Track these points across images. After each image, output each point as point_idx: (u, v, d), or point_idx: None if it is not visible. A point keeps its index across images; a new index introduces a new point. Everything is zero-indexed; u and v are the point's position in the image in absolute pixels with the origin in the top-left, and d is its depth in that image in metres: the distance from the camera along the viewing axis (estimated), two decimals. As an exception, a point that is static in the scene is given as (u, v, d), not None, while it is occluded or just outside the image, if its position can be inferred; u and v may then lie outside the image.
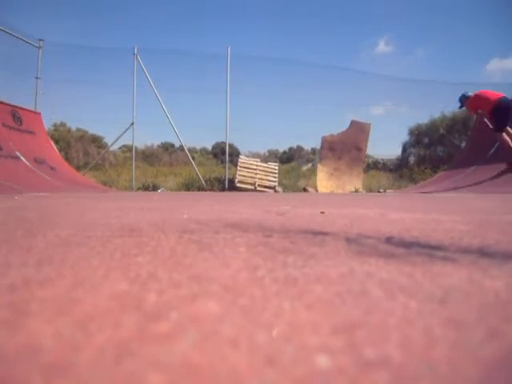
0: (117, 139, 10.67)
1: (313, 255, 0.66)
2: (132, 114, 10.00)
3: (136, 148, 11.03)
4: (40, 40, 9.83)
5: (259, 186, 9.33)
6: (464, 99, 7.22)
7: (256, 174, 9.55)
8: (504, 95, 6.68)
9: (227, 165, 10.42)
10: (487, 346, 0.28)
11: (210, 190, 9.63)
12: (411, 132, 15.11)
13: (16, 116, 8.03)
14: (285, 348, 0.27)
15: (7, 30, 8.71)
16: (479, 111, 6.97)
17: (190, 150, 11.28)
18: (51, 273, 0.52)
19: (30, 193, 4.67)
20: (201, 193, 7.84)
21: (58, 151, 9.43)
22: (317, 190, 9.50)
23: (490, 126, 6.88)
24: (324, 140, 9.99)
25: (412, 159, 14.96)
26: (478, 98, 6.93)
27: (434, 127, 14.44)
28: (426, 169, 12.08)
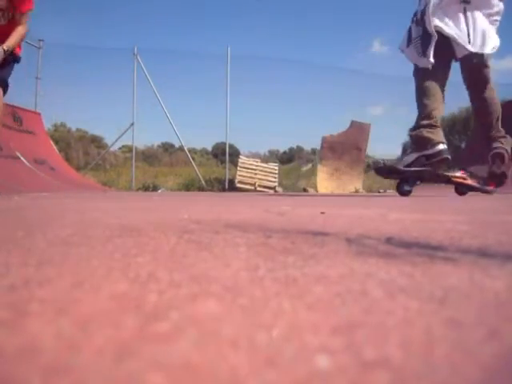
0: (117, 139, 10.68)
1: (313, 255, 0.66)
2: (132, 114, 10.00)
3: (136, 148, 11.02)
4: (40, 40, 9.83)
5: (259, 186, 9.33)
6: None
7: (256, 174, 9.55)
8: None
9: (227, 165, 10.42)
10: (487, 345, 0.28)
11: (210, 190, 9.63)
12: (411, 132, 15.15)
13: (16, 116, 8.02)
14: (285, 348, 0.27)
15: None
16: None
17: (190, 150, 11.29)
18: (51, 273, 0.52)
19: (29, 193, 4.67)
20: (201, 193, 7.85)
21: (58, 151, 9.43)
22: (317, 191, 9.49)
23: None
24: (324, 140, 9.98)
25: (412, 159, 15.02)
26: None
27: (434, 127, 14.46)
28: (426, 169, 12.12)
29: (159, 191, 9.25)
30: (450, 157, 4.25)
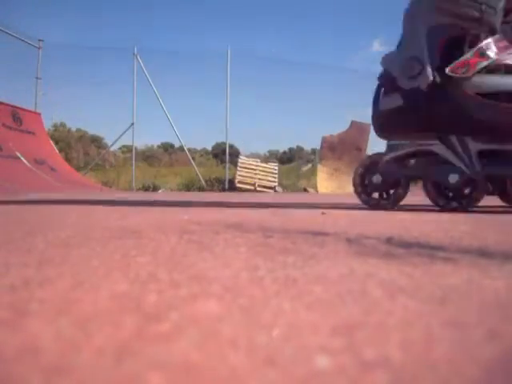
0: (117, 139, 10.68)
1: (313, 255, 0.66)
2: (132, 114, 10.00)
3: (136, 148, 11.04)
4: (40, 40, 9.83)
5: (259, 186, 9.33)
6: None
7: (256, 174, 9.55)
8: None
9: (227, 165, 10.42)
10: (487, 346, 0.28)
11: (210, 190, 9.63)
12: (411, 132, 15.17)
13: (16, 116, 8.03)
14: (285, 348, 0.27)
15: (7, 31, 8.71)
16: None
17: (190, 150, 11.29)
18: (51, 273, 0.52)
19: (30, 193, 4.67)
20: (201, 193, 7.85)
21: (58, 152, 9.42)
22: (317, 191, 9.49)
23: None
24: (324, 140, 9.99)
25: (412, 159, 15.06)
26: None
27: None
28: (426, 169, 12.15)
29: (160, 191, 9.26)
30: None
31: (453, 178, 1.88)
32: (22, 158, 7.13)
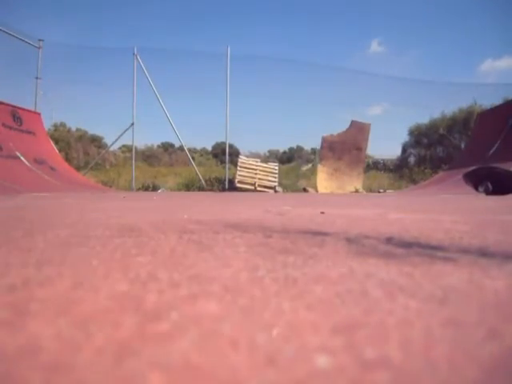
0: (117, 139, 10.68)
1: (313, 255, 0.66)
2: (132, 114, 10.01)
3: (136, 148, 11.04)
4: (40, 40, 9.84)
5: (259, 186, 9.33)
6: None
7: (256, 174, 9.55)
8: None
9: (227, 165, 10.43)
10: (487, 345, 0.28)
11: (210, 190, 9.64)
12: (411, 132, 15.10)
13: (16, 116, 8.03)
14: (285, 348, 0.27)
15: (7, 31, 8.72)
16: None
17: (190, 150, 11.30)
18: (51, 273, 0.52)
19: (29, 193, 4.66)
20: (201, 193, 7.85)
21: (58, 151, 9.42)
22: (317, 191, 9.49)
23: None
24: (324, 140, 9.99)
25: (412, 159, 14.99)
26: None
27: (434, 127, 14.42)
28: (425, 169, 12.12)
29: (159, 191, 9.26)
30: None
31: None
32: (22, 158, 7.13)
